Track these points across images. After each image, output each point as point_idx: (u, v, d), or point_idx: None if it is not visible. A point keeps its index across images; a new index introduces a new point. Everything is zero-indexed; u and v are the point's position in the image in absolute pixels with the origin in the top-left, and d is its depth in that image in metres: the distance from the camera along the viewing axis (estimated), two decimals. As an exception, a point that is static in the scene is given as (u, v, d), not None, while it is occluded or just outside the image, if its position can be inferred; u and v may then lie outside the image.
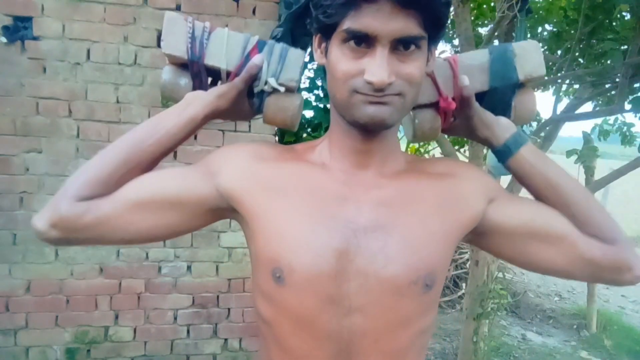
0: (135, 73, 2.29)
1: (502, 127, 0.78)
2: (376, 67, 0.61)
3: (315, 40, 0.71)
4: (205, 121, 0.77)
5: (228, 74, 0.79)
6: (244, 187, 0.72)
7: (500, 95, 0.81)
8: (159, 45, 2.29)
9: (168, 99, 0.84)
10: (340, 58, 0.65)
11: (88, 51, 2.24)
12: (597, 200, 0.78)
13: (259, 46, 0.79)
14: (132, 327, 2.44)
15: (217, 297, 2.51)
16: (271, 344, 0.75)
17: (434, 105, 0.80)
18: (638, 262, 0.74)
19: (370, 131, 0.69)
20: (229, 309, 2.52)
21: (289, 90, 0.79)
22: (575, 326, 4.16)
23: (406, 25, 0.61)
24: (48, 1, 2.18)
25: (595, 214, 0.75)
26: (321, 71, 3.32)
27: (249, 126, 2.43)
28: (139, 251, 2.40)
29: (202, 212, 0.75)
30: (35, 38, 2.19)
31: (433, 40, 0.67)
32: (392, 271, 0.67)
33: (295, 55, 0.80)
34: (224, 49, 0.79)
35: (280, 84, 0.78)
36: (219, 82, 0.81)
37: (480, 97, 0.80)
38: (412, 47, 0.63)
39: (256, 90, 0.79)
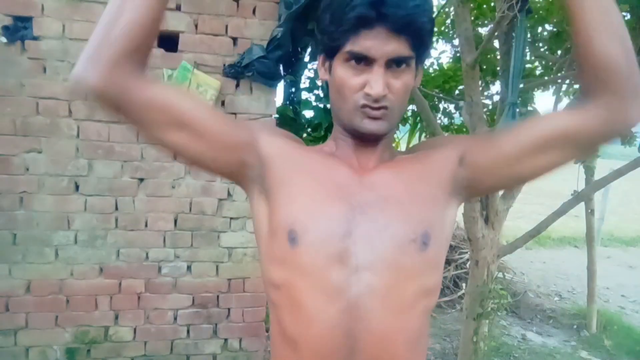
0: (135, 73, 2.28)
1: None
2: (374, 82, 0.75)
3: (320, 59, 0.85)
4: None
5: None
6: (277, 157, 0.82)
7: None
8: (158, 45, 2.29)
9: None
10: (344, 76, 0.78)
11: (88, 51, 2.24)
12: (618, 14, 0.72)
13: None
14: (132, 327, 2.44)
15: (217, 297, 2.51)
16: (283, 309, 0.80)
17: None
18: (633, 112, 0.74)
19: (366, 140, 0.83)
20: (229, 309, 2.53)
21: None
22: (575, 326, 4.15)
23: (398, 47, 0.74)
24: (48, 1, 2.19)
25: (613, 22, 0.71)
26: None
27: (249, 126, 2.43)
28: (139, 251, 2.40)
29: (231, 158, 0.82)
30: (35, 38, 2.19)
31: (420, 59, 0.81)
32: (392, 231, 0.78)
33: None
34: None
35: None
36: None
37: None
38: (403, 65, 0.77)
39: None
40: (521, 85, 2.44)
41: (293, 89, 3.69)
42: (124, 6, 0.72)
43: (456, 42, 3.98)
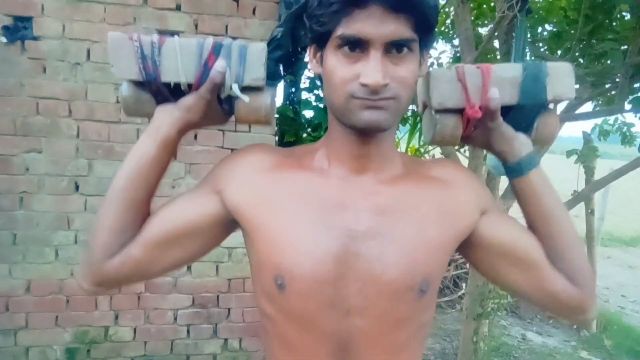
0: (135, 73, 2.28)
1: (520, 145, 0.78)
2: (370, 69, 0.64)
3: (310, 50, 0.74)
4: (180, 136, 0.76)
5: (190, 85, 0.75)
6: (246, 200, 0.75)
7: (526, 112, 0.81)
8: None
9: (133, 114, 0.80)
10: (336, 64, 0.67)
11: (88, 51, 2.24)
12: (580, 243, 0.82)
13: (215, 50, 0.74)
14: (132, 327, 2.44)
15: (217, 297, 2.51)
16: (274, 337, 0.78)
17: (459, 112, 0.79)
18: (592, 309, 0.80)
19: (367, 135, 0.72)
20: (229, 309, 2.52)
21: (257, 89, 0.76)
22: (575, 326, 4.16)
23: (397, 28, 0.64)
24: (48, 1, 2.18)
25: (574, 255, 0.78)
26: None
27: (249, 126, 2.43)
28: (139, 251, 2.40)
29: (219, 230, 0.80)
30: (35, 38, 2.19)
31: (424, 43, 0.70)
32: (389, 277, 0.70)
33: (256, 50, 0.75)
34: (178, 62, 0.74)
35: (246, 87, 0.75)
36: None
37: (505, 110, 0.79)
38: (405, 50, 0.66)
39: (223, 97, 0.76)
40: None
41: (293, 89, 3.70)
42: (104, 216, 0.74)
43: (456, 42, 3.98)
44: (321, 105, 3.59)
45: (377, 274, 0.70)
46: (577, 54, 2.76)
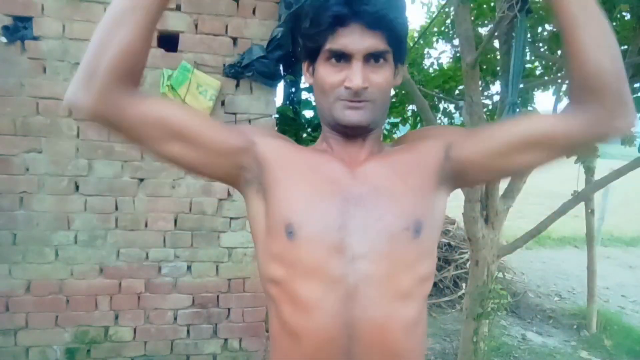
0: (135, 73, 2.28)
1: None
2: (353, 76, 0.80)
3: (304, 65, 0.89)
4: None
5: None
6: (273, 159, 0.86)
7: None
8: (158, 45, 2.29)
9: None
10: (325, 73, 0.83)
11: (88, 51, 2.24)
12: (615, 47, 0.74)
13: None
14: (132, 327, 2.44)
15: (217, 297, 2.51)
16: (283, 303, 0.83)
17: None
18: (622, 120, 0.75)
19: (352, 135, 0.87)
20: (229, 309, 2.53)
21: None
22: (575, 326, 4.15)
23: (374, 42, 0.79)
24: (48, 1, 2.19)
25: (603, 65, 0.73)
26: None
27: (249, 123, 2.43)
28: (139, 251, 2.40)
29: (221, 162, 0.85)
30: (35, 38, 2.19)
31: (397, 56, 0.84)
32: (385, 222, 0.81)
33: None
34: None
35: None
36: None
37: None
38: (381, 60, 0.82)
39: None
40: (521, 85, 2.43)
41: (293, 89, 3.69)
42: (114, 31, 0.73)
43: (456, 42, 3.98)
44: (321, 105, 3.59)
45: (375, 221, 0.81)
46: (577, 54, 2.75)
